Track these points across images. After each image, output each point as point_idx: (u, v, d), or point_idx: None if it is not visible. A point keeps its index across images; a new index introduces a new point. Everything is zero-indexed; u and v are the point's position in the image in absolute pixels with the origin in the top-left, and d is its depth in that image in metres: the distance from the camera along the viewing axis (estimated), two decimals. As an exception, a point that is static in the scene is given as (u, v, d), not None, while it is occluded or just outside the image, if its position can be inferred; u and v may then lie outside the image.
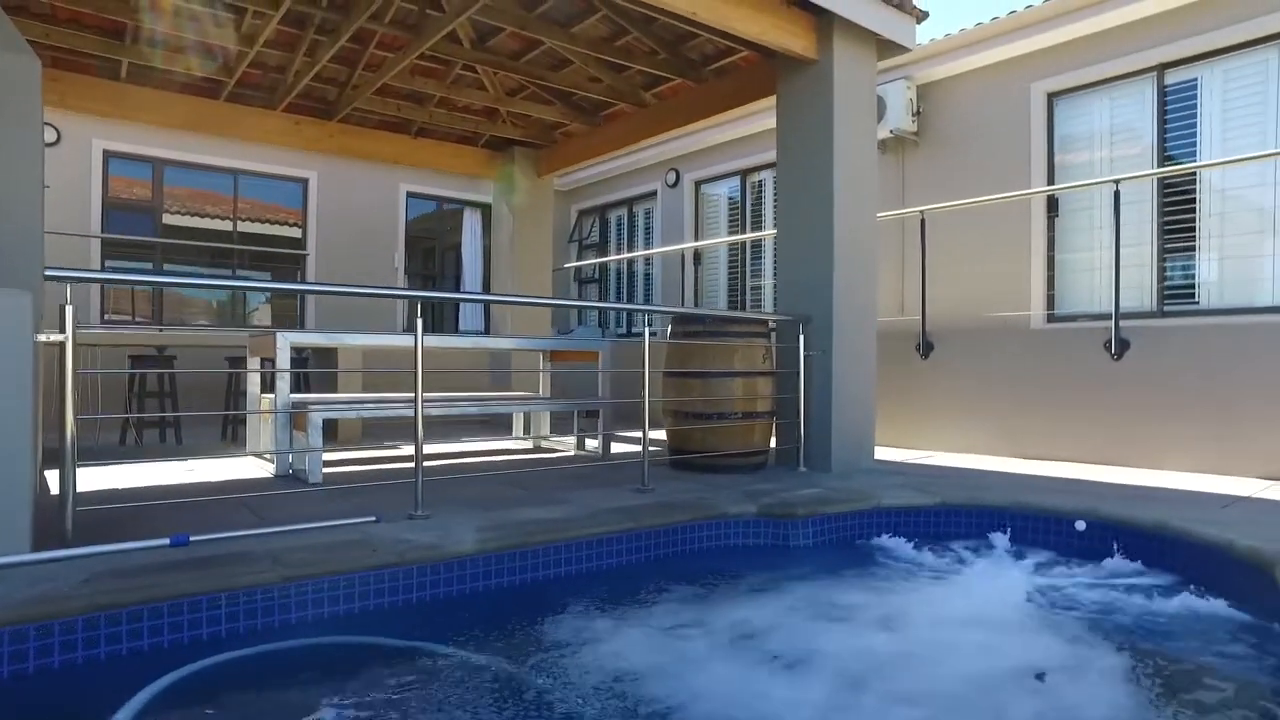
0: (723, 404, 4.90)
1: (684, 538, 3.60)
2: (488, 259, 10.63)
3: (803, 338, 5.08)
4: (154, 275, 8.90)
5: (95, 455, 5.39)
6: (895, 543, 3.69)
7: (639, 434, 4.33)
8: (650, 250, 10.48)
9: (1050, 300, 6.49)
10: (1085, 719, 2.16)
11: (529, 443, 6.66)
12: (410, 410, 3.78)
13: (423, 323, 3.56)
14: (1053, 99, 6.66)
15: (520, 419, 6.71)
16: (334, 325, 9.14)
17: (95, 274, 4.32)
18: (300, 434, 4.73)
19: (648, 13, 5.02)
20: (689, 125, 7.34)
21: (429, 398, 5.24)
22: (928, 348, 6.43)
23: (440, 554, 2.95)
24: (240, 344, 6.64)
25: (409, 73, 6.74)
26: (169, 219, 9.23)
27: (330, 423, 5.77)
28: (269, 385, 5.51)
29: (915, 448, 6.44)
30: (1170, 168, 5.92)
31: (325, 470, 4.78)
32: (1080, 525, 3.67)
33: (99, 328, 8.11)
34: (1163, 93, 6.05)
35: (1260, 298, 5.53)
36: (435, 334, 10.04)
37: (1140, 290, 6.04)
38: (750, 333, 5.07)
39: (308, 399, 4.98)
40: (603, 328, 10.71)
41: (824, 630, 2.75)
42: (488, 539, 3.11)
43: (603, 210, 11.63)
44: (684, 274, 9.70)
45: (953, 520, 3.94)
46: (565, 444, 6.41)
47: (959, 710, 2.21)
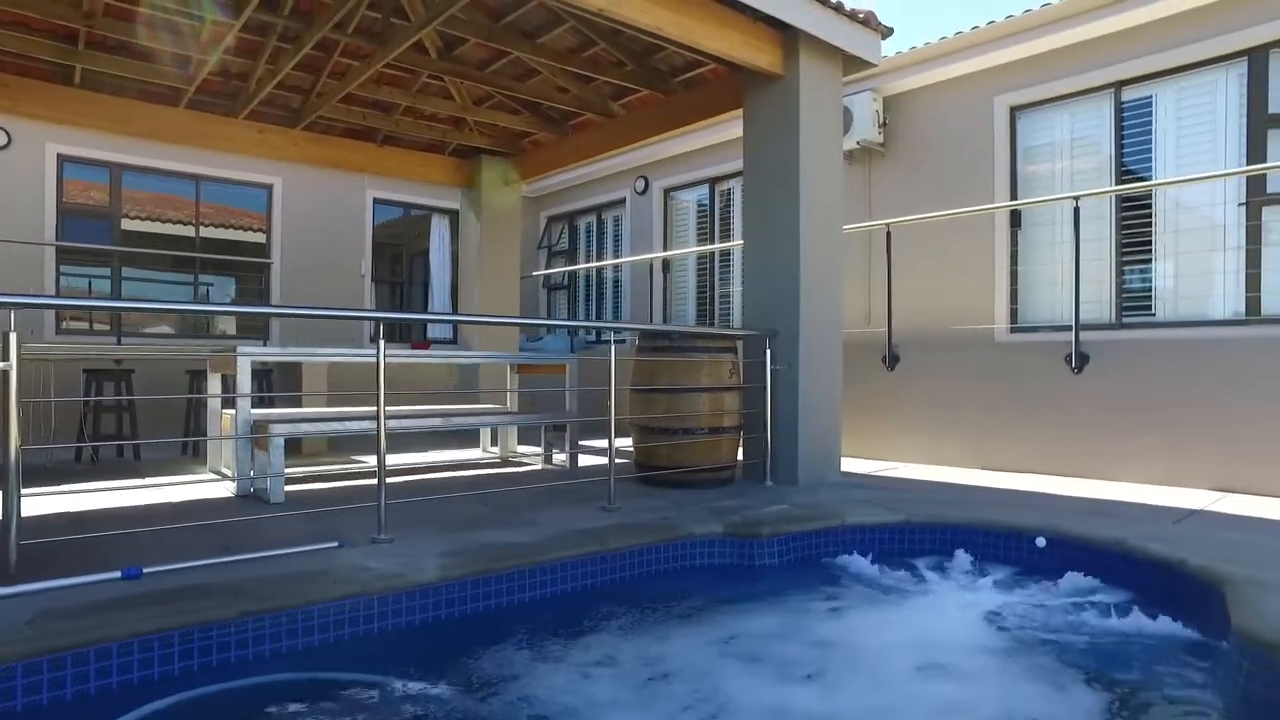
0: (689, 420, 4.91)
1: (650, 559, 3.60)
2: (456, 264, 10.55)
3: (769, 352, 5.11)
4: (110, 292, 8.64)
5: (48, 474, 5.26)
6: (858, 562, 3.72)
7: (606, 444, 4.31)
8: (619, 260, 10.48)
9: (1014, 314, 6.60)
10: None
11: (497, 455, 6.62)
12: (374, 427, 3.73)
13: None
14: (1015, 112, 6.77)
15: (488, 430, 6.67)
16: (299, 335, 9.01)
17: (41, 299, 4.13)
18: (262, 453, 4.65)
19: (615, 25, 5.01)
20: (658, 136, 7.35)
21: (393, 413, 5.19)
22: (894, 359, 6.50)
23: (402, 583, 2.92)
24: (203, 355, 6.52)
25: (375, 81, 6.66)
26: (128, 224, 9.03)
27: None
28: (231, 400, 5.42)
29: (881, 458, 6.51)
30: (1126, 185, 6.05)
31: (288, 488, 4.71)
32: (1040, 542, 3.73)
33: (54, 338, 7.91)
34: (1120, 109, 6.17)
35: (1212, 310, 5.67)
36: (400, 344, 9.94)
37: (1100, 303, 6.16)
38: (717, 348, 5.08)
39: (269, 415, 4.90)
40: (571, 335, 10.68)
41: (767, 667, 2.70)
42: (451, 566, 3.08)
43: (572, 217, 11.60)
44: (653, 281, 9.71)
45: (916, 537, 3.98)
46: (534, 455, 6.39)
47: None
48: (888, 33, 5.62)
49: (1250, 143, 5.53)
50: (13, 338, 2.73)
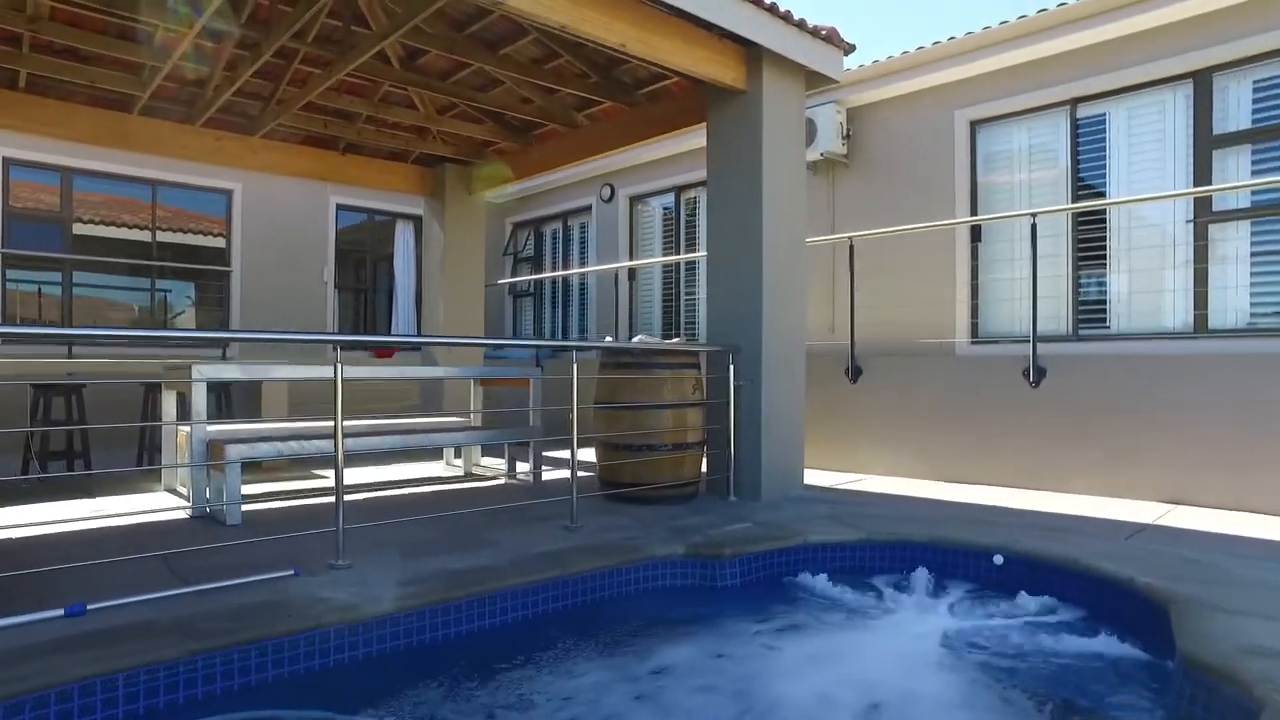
0: (653, 436, 4.91)
1: (610, 582, 3.58)
2: (421, 270, 10.44)
3: (732, 368, 5.13)
4: (61, 296, 8.40)
5: (-7, 494, 5.09)
6: (819, 581, 3.74)
7: (569, 456, 4.27)
8: (585, 269, 10.44)
9: (975, 327, 6.71)
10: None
11: (461, 468, 6.56)
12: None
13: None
14: (975, 126, 6.89)
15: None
16: (259, 347, 8.83)
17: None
18: (219, 472, 4.55)
19: (579, 40, 4.98)
20: (621, 148, 7.33)
21: (352, 429, 5.11)
22: (856, 371, 6.56)
23: (358, 614, 2.87)
24: (158, 368, 6.36)
25: (336, 90, 6.56)
26: (80, 228, 8.80)
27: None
28: (186, 413, 5.30)
29: (844, 470, 6.56)
30: (1082, 204, 6.19)
31: (246, 507, 4.62)
32: (998, 560, 3.78)
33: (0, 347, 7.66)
34: (1076, 125, 6.31)
35: (1164, 323, 5.82)
36: (362, 352, 9.81)
37: (1057, 317, 6.30)
38: (679, 364, 5.08)
39: (225, 434, 4.79)
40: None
41: (724, 690, 2.71)
42: (408, 595, 3.04)
43: (538, 224, 11.55)
44: (619, 289, 9.70)
45: (877, 555, 4.02)
46: (498, 468, 6.34)
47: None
48: (850, 49, 5.67)
49: (1196, 161, 5.68)
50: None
